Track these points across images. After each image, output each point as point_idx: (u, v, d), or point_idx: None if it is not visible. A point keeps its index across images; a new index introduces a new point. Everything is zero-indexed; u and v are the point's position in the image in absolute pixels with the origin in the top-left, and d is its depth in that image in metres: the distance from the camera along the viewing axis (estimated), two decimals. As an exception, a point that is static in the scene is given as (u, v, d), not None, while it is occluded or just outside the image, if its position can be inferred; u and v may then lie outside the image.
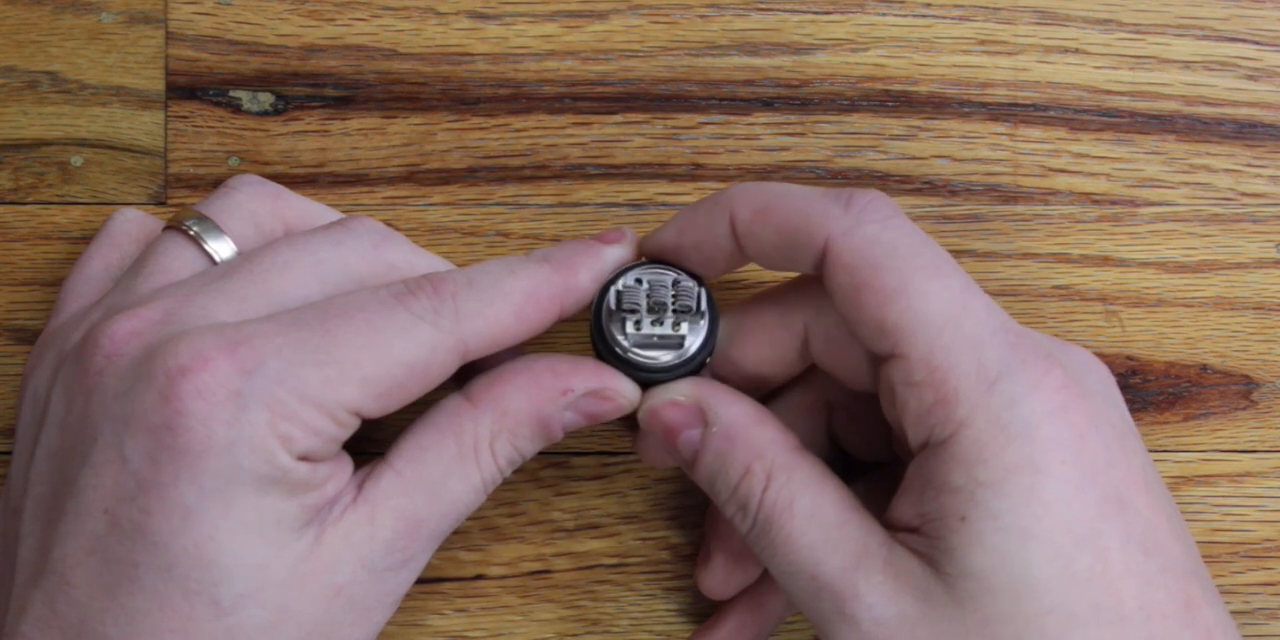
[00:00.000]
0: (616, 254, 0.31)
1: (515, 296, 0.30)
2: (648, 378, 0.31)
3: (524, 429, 0.30)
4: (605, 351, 0.31)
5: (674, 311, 0.30)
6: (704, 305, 0.31)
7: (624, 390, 0.31)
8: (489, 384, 0.31)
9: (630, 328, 0.30)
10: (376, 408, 0.28)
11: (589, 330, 0.31)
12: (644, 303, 0.30)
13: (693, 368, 0.31)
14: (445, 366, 0.29)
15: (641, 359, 0.31)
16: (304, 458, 0.28)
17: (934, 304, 0.28)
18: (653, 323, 0.30)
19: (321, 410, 0.28)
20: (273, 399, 0.27)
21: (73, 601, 0.28)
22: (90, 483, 0.28)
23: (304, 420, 0.27)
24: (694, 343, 0.31)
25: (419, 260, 0.32)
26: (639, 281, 0.31)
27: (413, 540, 0.29)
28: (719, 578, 0.34)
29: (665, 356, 0.31)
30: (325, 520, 0.28)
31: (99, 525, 0.27)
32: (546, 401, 0.30)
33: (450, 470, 0.30)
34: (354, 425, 0.28)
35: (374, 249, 0.31)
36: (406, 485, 0.29)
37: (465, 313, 0.29)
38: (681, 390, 0.31)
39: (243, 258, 0.31)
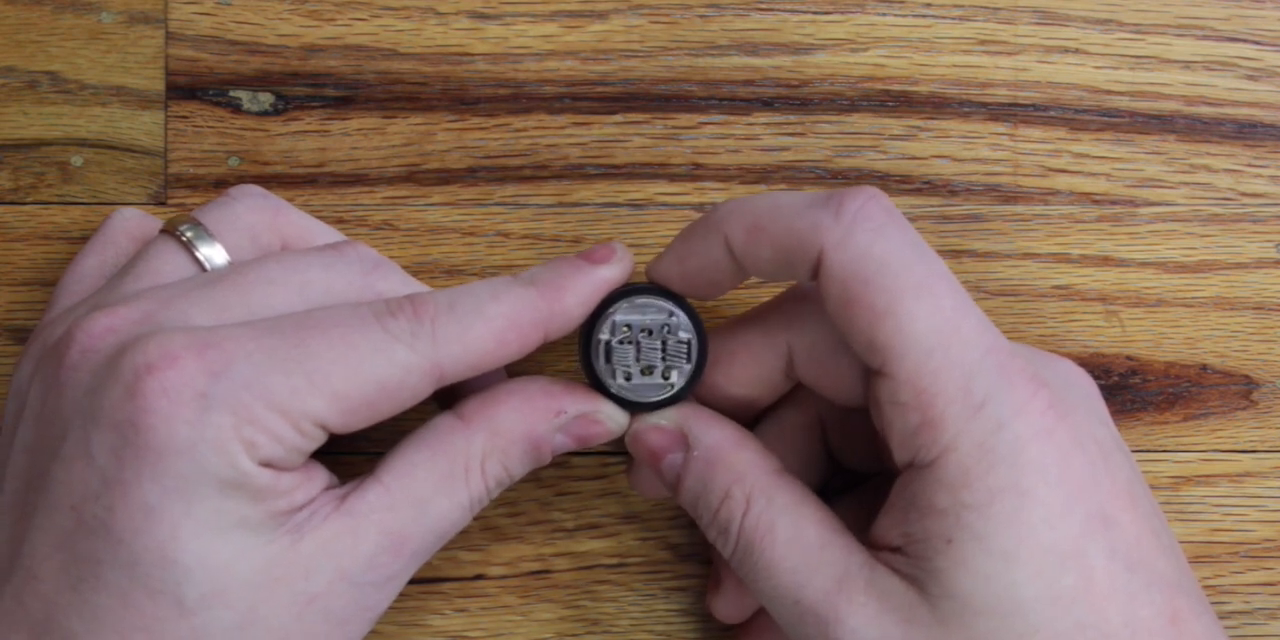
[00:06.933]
0: (607, 275, 0.31)
1: (496, 322, 0.29)
2: (635, 408, 0.32)
3: (515, 449, 0.30)
4: (594, 385, 0.31)
5: (664, 364, 0.31)
6: (694, 354, 0.31)
7: (614, 414, 0.31)
8: (482, 404, 0.31)
9: (620, 379, 0.31)
10: (342, 423, 0.28)
11: (578, 355, 0.31)
12: (634, 363, 0.31)
13: (679, 399, 0.31)
14: (418, 389, 0.29)
15: (630, 396, 0.31)
16: (266, 464, 0.28)
17: (922, 325, 0.28)
18: (642, 372, 0.31)
19: (286, 419, 0.27)
20: (238, 403, 0.27)
21: (40, 596, 0.27)
22: (59, 478, 0.28)
23: (268, 427, 0.27)
24: (681, 382, 0.31)
25: (408, 291, 0.31)
26: (629, 328, 0.31)
27: (396, 556, 0.29)
28: (730, 602, 0.34)
29: (652, 394, 0.31)
30: (303, 528, 0.28)
31: (66, 521, 0.27)
32: (539, 422, 0.30)
33: (439, 488, 0.30)
34: (319, 437, 0.28)
35: (363, 276, 0.31)
36: (393, 501, 0.29)
37: (443, 337, 0.29)
38: (666, 415, 0.31)
39: (230, 268, 0.31)
